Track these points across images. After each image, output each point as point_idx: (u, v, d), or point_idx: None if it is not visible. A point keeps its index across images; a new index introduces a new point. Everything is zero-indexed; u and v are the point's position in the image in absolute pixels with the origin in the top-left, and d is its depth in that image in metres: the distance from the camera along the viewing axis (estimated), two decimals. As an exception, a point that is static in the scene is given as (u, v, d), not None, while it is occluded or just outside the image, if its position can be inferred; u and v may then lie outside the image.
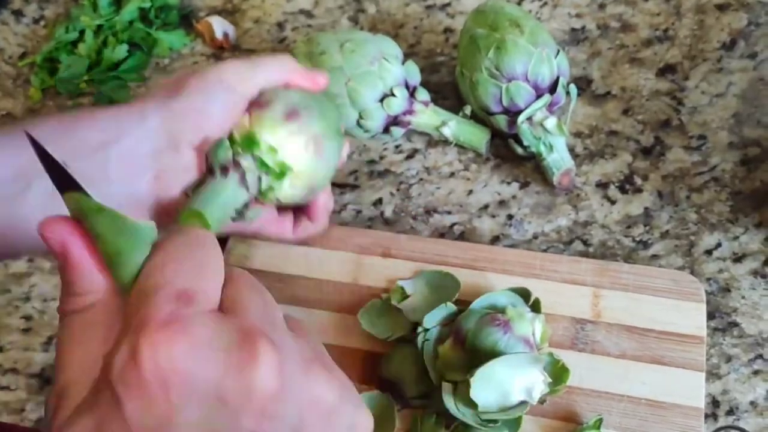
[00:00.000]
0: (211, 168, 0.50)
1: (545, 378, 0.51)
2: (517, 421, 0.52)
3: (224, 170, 0.49)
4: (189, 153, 0.49)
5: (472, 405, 0.50)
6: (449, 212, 0.66)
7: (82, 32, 0.78)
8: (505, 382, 0.50)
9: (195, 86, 0.50)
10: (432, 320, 0.55)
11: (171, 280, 0.29)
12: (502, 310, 0.53)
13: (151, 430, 0.27)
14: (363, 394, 0.55)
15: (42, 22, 0.84)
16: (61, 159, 0.32)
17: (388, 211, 0.67)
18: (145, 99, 0.50)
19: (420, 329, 0.55)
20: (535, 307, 0.55)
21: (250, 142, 0.49)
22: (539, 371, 0.51)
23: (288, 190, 0.51)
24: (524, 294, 0.56)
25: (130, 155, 0.47)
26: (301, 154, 0.50)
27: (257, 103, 0.51)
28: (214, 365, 0.27)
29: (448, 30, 0.76)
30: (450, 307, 0.55)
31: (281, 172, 0.50)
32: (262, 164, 0.49)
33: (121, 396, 0.27)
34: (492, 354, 0.51)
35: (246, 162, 0.49)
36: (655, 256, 0.61)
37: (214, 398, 0.27)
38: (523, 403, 0.51)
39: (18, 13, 0.85)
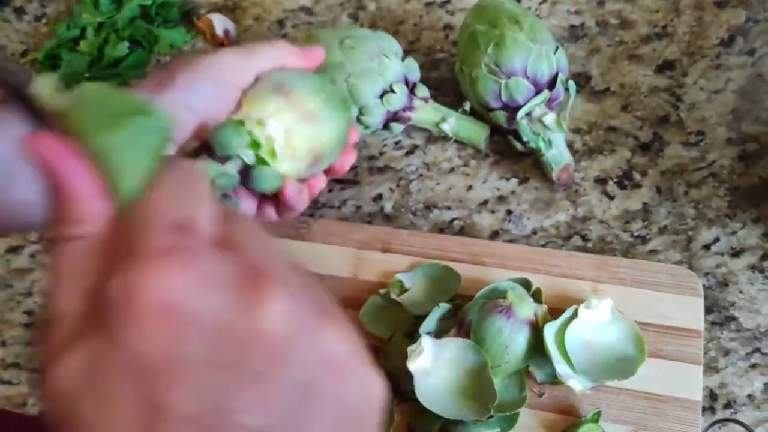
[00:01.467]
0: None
1: None
2: (513, 418, 0.52)
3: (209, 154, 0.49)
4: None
5: None
6: (449, 208, 0.66)
7: (83, 30, 0.78)
8: None
9: (183, 80, 0.49)
10: (429, 326, 0.55)
11: (171, 208, 0.26)
12: (503, 295, 0.53)
13: (155, 360, 0.24)
14: None
15: (44, 20, 0.84)
16: None
17: (388, 207, 0.67)
18: (134, 92, 0.49)
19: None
20: (537, 297, 0.55)
21: (237, 122, 0.49)
22: None
23: (289, 163, 0.50)
24: (525, 284, 0.56)
25: None
26: (294, 125, 0.49)
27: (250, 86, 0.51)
28: (217, 300, 0.25)
29: (447, 27, 0.76)
30: (443, 307, 0.56)
31: (270, 148, 0.49)
32: (254, 143, 0.49)
33: (116, 326, 0.25)
34: (498, 342, 0.52)
35: (237, 143, 0.48)
36: (653, 251, 0.62)
37: (220, 335, 0.25)
38: (521, 399, 0.52)
39: (20, 11, 0.85)
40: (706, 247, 0.62)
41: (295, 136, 0.49)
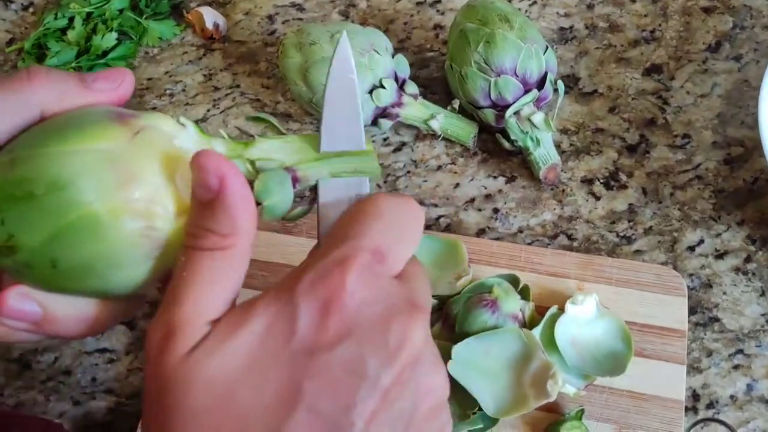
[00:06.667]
0: None
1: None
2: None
3: None
4: None
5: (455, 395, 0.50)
6: (436, 205, 0.66)
7: (71, 19, 0.77)
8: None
9: None
10: None
11: (374, 236, 0.33)
12: (489, 290, 0.53)
13: (313, 346, 0.30)
14: None
15: (31, 9, 0.84)
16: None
17: (375, 203, 0.67)
18: None
19: None
20: (525, 294, 0.55)
21: None
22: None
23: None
24: (513, 281, 0.56)
25: None
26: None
27: None
28: (381, 313, 0.31)
29: (438, 26, 0.77)
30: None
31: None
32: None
33: (301, 310, 0.30)
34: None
35: None
36: (638, 251, 0.62)
37: (371, 339, 0.30)
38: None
39: (7, 0, 0.85)
40: (691, 248, 0.62)
41: None
